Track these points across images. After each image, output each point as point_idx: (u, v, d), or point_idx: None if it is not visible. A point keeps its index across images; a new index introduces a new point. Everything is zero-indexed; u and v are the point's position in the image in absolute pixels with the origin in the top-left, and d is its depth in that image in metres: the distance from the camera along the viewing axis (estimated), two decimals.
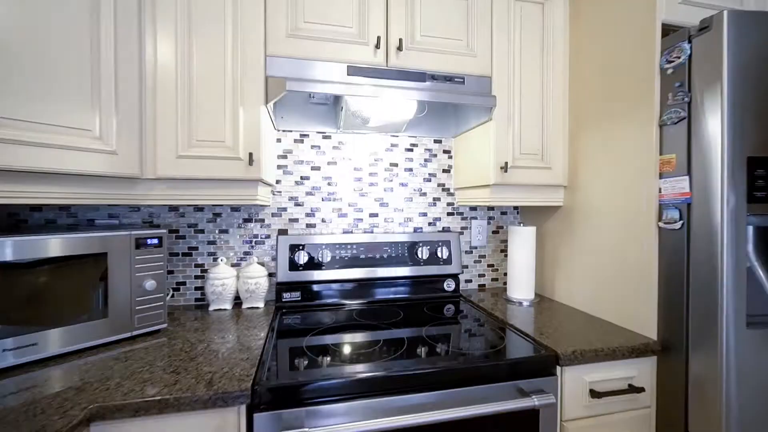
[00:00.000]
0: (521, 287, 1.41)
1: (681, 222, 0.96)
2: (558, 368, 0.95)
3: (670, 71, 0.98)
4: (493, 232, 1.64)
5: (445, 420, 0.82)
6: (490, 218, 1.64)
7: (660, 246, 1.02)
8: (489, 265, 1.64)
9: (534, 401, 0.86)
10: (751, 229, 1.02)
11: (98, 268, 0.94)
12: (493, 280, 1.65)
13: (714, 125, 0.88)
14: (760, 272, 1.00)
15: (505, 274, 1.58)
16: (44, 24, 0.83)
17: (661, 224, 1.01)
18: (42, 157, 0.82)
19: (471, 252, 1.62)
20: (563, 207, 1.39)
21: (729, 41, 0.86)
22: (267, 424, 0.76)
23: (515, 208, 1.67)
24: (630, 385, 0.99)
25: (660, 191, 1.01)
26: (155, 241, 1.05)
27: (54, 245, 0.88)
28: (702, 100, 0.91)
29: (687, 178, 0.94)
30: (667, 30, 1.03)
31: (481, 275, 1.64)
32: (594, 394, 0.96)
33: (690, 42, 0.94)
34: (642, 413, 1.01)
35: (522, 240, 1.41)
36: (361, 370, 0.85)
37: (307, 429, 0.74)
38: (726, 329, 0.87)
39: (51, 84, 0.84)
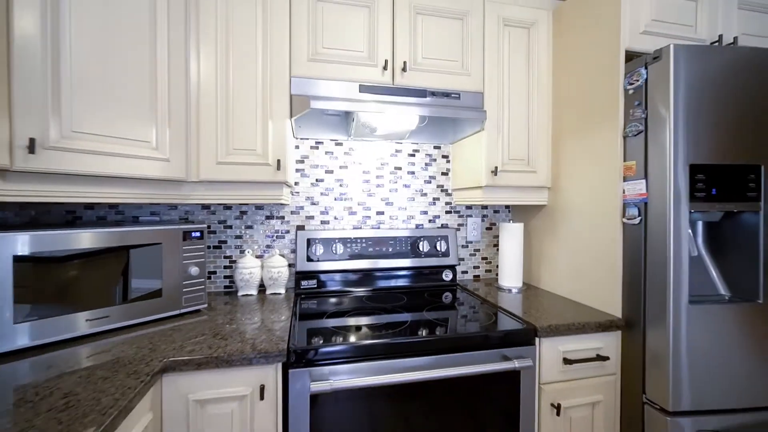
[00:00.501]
0: (511, 277, 1.60)
1: (639, 218, 1.15)
2: (536, 339, 1.14)
3: (631, 91, 1.18)
4: (487, 229, 1.83)
5: (441, 377, 1.01)
6: (483, 216, 1.83)
7: (623, 239, 1.21)
8: (483, 258, 1.83)
9: (515, 364, 1.06)
10: (701, 224, 1.21)
11: (155, 256, 1.14)
12: (486, 271, 1.84)
13: (664, 137, 1.07)
14: (707, 260, 1.19)
15: (497, 266, 1.77)
16: (114, 55, 1.03)
17: (624, 220, 1.20)
18: (99, 162, 1.00)
19: (467, 246, 1.81)
20: (547, 206, 1.58)
21: (675, 69, 1.05)
22: (299, 377, 0.95)
23: (507, 206, 1.86)
24: (598, 355, 1.18)
25: (623, 192, 1.20)
26: (198, 234, 1.25)
27: (122, 236, 1.07)
28: (655, 117, 1.10)
29: (644, 181, 1.13)
30: (631, 56, 1.22)
31: (475, 267, 1.83)
32: (567, 361, 1.15)
33: (646, 68, 1.13)
34: (608, 379, 1.20)
35: (511, 235, 1.60)
36: (371, 339, 1.04)
37: (331, 380, 0.94)
38: (673, 306, 1.06)
39: (119, 104, 1.04)
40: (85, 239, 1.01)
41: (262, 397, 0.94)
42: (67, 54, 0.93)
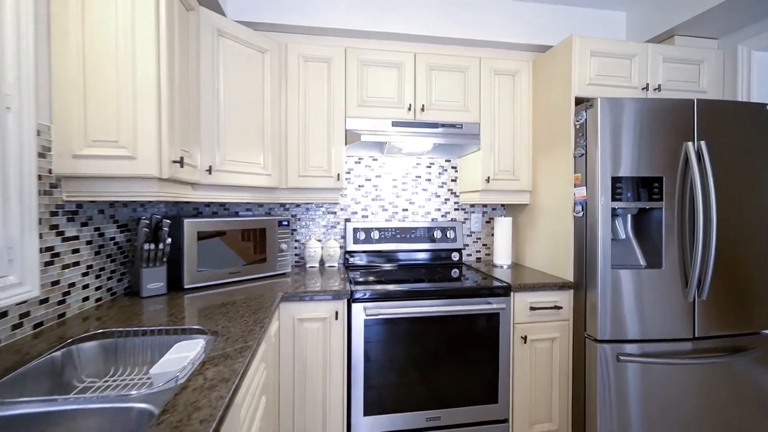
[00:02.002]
0: (502, 256, 2.17)
1: (582, 212, 1.70)
2: (511, 293, 1.71)
3: (577, 126, 1.72)
4: (486, 222, 2.40)
5: (446, 313, 1.60)
6: (484, 212, 2.40)
7: (573, 227, 1.75)
8: (483, 244, 2.40)
9: (494, 306, 1.64)
10: (630, 216, 1.75)
11: (263, 236, 1.78)
12: (486, 254, 2.40)
13: (595, 158, 1.62)
14: (633, 241, 1.73)
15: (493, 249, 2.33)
16: (242, 107, 1.68)
17: (573, 214, 1.75)
18: (239, 179, 1.65)
19: (470, 235, 2.39)
20: (529, 205, 2.13)
21: (601, 114, 1.60)
22: (357, 308, 1.56)
23: (502, 205, 2.42)
24: (554, 306, 1.73)
25: (574, 195, 1.75)
26: (286, 222, 1.89)
27: (247, 223, 1.72)
28: (591, 145, 1.65)
29: (585, 187, 1.68)
30: (581, 100, 1.77)
31: (477, 251, 2.40)
32: (532, 308, 1.71)
33: (586, 111, 1.68)
34: (563, 323, 1.75)
35: (502, 226, 2.17)
36: (402, 289, 1.64)
37: (376, 312, 1.55)
38: (601, 271, 1.61)
39: (246, 139, 1.68)
40: (227, 224, 1.66)
41: (336, 318, 1.56)
42: (222, 111, 1.58)
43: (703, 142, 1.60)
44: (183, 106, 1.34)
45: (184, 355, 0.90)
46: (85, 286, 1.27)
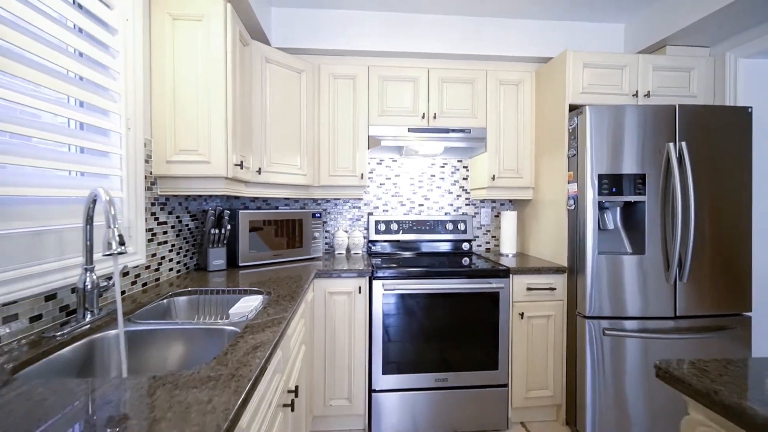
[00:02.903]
0: (508, 246, 2.42)
1: (574, 206, 1.93)
2: (510, 275, 1.97)
3: (570, 130, 1.96)
4: (495, 216, 2.65)
5: (455, 290, 1.89)
6: (492, 207, 2.66)
7: (567, 219, 1.99)
8: (492, 236, 2.66)
9: (494, 285, 1.91)
10: (618, 209, 1.97)
11: (300, 226, 2.14)
12: (495, 245, 2.66)
13: (584, 159, 1.85)
14: (621, 231, 1.95)
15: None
16: (283, 119, 2.04)
17: (567, 207, 1.99)
18: (281, 177, 2.02)
19: (480, 228, 2.65)
20: (532, 200, 2.37)
21: (589, 120, 1.83)
22: (377, 284, 1.89)
23: (510, 200, 2.66)
24: (549, 287, 1.98)
25: (568, 190, 1.99)
26: (318, 215, 2.24)
27: (288, 215, 2.09)
28: (581, 147, 1.88)
29: (576, 184, 1.92)
30: (574, 107, 2.00)
31: (487, 242, 2.66)
32: (529, 288, 1.97)
33: (577, 117, 1.91)
34: (557, 302, 2.00)
35: (508, 219, 2.42)
36: (419, 269, 1.95)
37: (393, 287, 1.86)
38: (590, 256, 1.84)
39: (286, 146, 2.05)
40: (271, 215, 2.04)
41: (360, 293, 1.89)
42: (268, 122, 1.95)
43: (683, 143, 1.80)
44: (241, 121, 1.71)
45: (249, 304, 1.25)
46: (170, 260, 1.67)
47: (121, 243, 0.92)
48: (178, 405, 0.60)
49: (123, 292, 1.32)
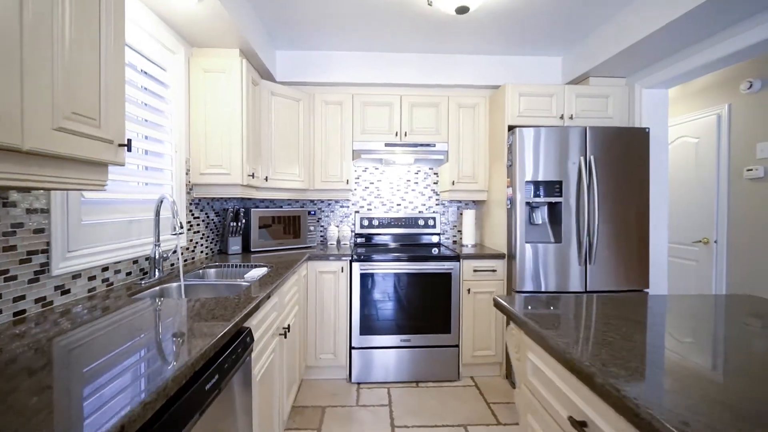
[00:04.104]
0: (468, 238, 2.96)
1: (510, 206, 2.47)
2: (460, 260, 2.52)
3: (508, 145, 2.50)
4: (460, 214, 3.20)
5: (417, 271, 2.45)
6: (458, 206, 3.20)
7: (506, 216, 2.53)
8: (458, 231, 3.20)
9: (446, 267, 2.46)
10: (545, 207, 2.50)
11: (299, 221, 2.73)
12: (460, 238, 3.20)
13: (515, 169, 2.39)
14: (548, 225, 2.48)
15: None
16: (284, 136, 2.64)
17: (506, 207, 2.53)
18: (283, 183, 2.61)
19: (447, 223, 3.20)
20: (486, 201, 2.92)
21: (518, 138, 2.37)
22: (356, 266, 2.46)
23: (474, 201, 3.20)
24: (491, 269, 2.52)
25: (507, 194, 2.53)
26: (313, 213, 2.83)
27: (290, 210, 2.68)
28: (513, 159, 2.42)
29: (511, 188, 2.46)
30: (513, 127, 2.54)
31: (453, 236, 3.21)
32: (475, 270, 2.52)
33: (512, 136, 2.45)
34: (498, 281, 2.54)
35: (468, 216, 2.97)
36: (387, 254, 2.52)
37: (370, 268, 2.43)
38: (518, 245, 2.38)
39: (286, 157, 2.64)
40: (276, 212, 2.63)
41: (342, 272, 2.47)
42: (273, 141, 2.55)
43: (592, 156, 2.33)
44: (253, 142, 2.30)
45: (258, 271, 1.84)
46: (202, 245, 2.28)
47: (181, 227, 1.51)
48: (216, 309, 1.19)
49: (172, 265, 1.93)
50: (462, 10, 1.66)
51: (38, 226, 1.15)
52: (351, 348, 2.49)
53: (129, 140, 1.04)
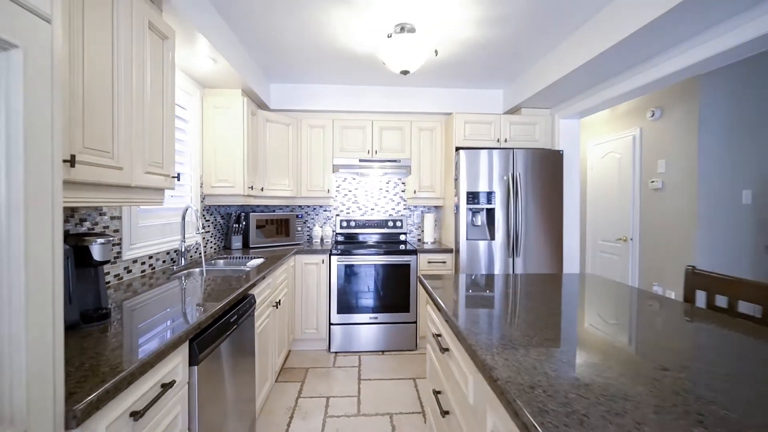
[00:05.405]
0: (428, 237, 3.61)
1: (456, 211, 3.12)
2: (417, 254, 3.17)
3: (455, 163, 3.15)
4: (422, 217, 3.85)
5: (381, 262, 3.09)
6: (422, 211, 3.85)
7: (454, 219, 3.18)
8: (422, 231, 3.85)
9: (406, 260, 3.11)
10: (484, 211, 3.17)
11: (289, 222, 3.36)
12: (422, 237, 3.85)
13: (460, 182, 3.04)
14: (486, 227, 3.15)
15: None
16: (277, 154, 3.26)
17: (454, 212, 3.18)
18: (276, 192, 3.23)
19: (413, 224, 3.85)
20: (442, 206, 3.57)
21: (466, 160, 3.02)
22: (334, 259, 3.09)
23: (435, 206, 3.85)
24: (442, 261, 3.17)
25: (454, 201, 3.18)
26: (300, 216, 3.46)
27: (281, 214, 3.31)
28: (459, 174, 3.07)
29: (457, 197, 3.10)
30: (460, 147, 3.19)
31: (418, 236, 3.85)
32: (429, 262, 3.17)
33: (458, 156, 3.10)
34: (447, 271, 3.19)
35: (428, 219, 3.61)
36: (359, 250, 3.16)
37: (347, 260, 3.07)
38: (462, 242, 3.03)
39: (278, 171, 3.26)
40: (270, 216, 3.25)
41: (323, 263, 3.10)
42: (268, 159, 3.17)
43: (518, 173, 2.99)
44: (252, 160, 2.92)
45: (256, 261, 2.46)
46: (211, 243, 2.89)
47: (202, 227, 2.13)
48: (224, 283, 1.82)
49: (191, 256, 2.54)
50: (405, 72, 2.29)
51: (115, 227, 1.76)
52: (330, 324, 3.12)
53: (178, 173, 1.66)
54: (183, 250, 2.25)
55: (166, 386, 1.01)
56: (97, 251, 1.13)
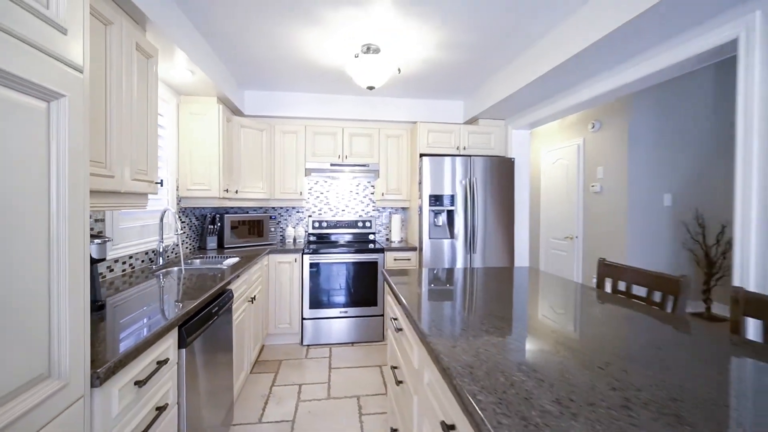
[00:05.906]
0: (395, 237, 3.88)
1: (420, 212, 3.40)
2: (384, 252, 3.42)
3: (420, 168, 3.43)
4: (390, 217, 4.11)
5: (350, 260, 3.32)
6: (390, 212, 4.12)
7: (418, 219, 3.46)
8: (390, 231, 4.11)
9: (373, 257, 3.36)
10: (446, 212, 3.47)
11: (263, 223, 3.52)
12: (390, 236, 4.12)
13: (423, 185, 3.32)
14: (446, 226, 3.45)
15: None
16: (252, 159, 3.42)
17: (418, 213, 3.46)
18: (250, 195, 3.38)
19: (382, 225, 4.11)
20: (408, 208, 3.84)
21: (429, 165, 3.30)
22: (306, 258, 3.29)
23: (403, 207, 4.13)
24: (407, 259, 3.45)
25: (418, 203, 3.46)
26: (274, 217, 3.62)
27: (256, 215, 3.46)
28: (422, 178, 3.35)
29: (421, 200, 3.39)
30: (424, 154, 3.48)
31: (386, 235, 4.11)
32: (395, 259, 3.43)
33: (421, 161, 3.38)
34: (412, 268, 3.46)
35: (396, 220, 3.88)
36: (328, 249, 3.37)
37: (317, 258, 3.27)
38: (424, 240, 3.31)
39: (252, 174, 3.42)
40: (244, 217, 3.40)
41: (296, 262, 3.29)
42: (243, 162, 3.32)
43: (475, 178, 3.31)
44: (228, 164, 3.06)
45: (232, 260, 2.62)
46: (186, 243, 3.01)
47: (180, 229, 2.28)
48: (203, 280, 2.00)
49: (168, 256, 2.67)
50: (370, 87, 2.53)
51: (99, 229, 1.89)
52: (303, 319, 3.32)
53: (161, 179, 1.82)
54: (161, 250, 2.39)
55: (161, 363, 1.20)
56: (95, 250, 1.29)
